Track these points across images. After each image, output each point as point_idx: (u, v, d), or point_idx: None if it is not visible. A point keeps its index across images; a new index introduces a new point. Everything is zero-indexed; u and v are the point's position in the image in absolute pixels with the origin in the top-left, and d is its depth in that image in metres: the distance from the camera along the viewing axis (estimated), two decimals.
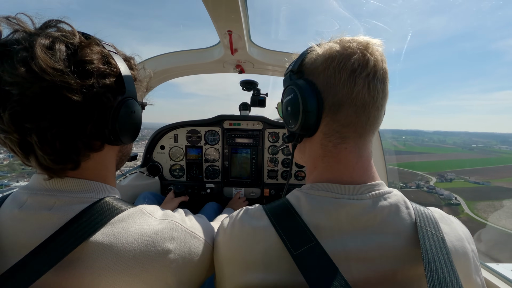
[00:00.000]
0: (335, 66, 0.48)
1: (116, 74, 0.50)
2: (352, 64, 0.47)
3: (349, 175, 0.50)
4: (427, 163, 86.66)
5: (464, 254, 0.48)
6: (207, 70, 1.76)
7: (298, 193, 0.53)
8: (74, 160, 0.47)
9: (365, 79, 0.47)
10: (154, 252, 0.46)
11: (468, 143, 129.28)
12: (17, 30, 0.44)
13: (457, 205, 47.46)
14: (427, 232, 0.46)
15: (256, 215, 0.52)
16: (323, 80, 0.50)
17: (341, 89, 0.48)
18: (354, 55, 0.48)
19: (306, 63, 0.53)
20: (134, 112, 0.54)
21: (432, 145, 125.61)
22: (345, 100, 0.48)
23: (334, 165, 0.51)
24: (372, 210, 0.47)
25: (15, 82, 0.40)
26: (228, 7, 0.89)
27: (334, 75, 0.48)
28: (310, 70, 0.52)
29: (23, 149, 0.44)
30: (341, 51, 0.49)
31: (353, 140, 0.51)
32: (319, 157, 0.54)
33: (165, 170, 1.78)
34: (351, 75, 0.47)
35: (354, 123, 0.49)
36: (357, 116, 0.49)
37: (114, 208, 0.48)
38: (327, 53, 0.50)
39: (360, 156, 0.51)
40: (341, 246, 0.45)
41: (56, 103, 0.42)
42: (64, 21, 0.48)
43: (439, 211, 0.54)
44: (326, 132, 0.51)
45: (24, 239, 0.43)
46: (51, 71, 0.41)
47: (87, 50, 0.46)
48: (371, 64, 0.48)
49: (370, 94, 0.48)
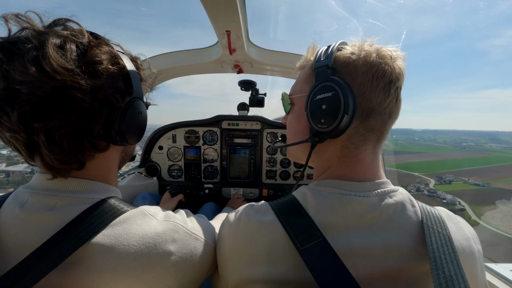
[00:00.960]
0: (375, 72, 0.48)
1: (124, 75, 0.50)
2: (390, 75, 0.49)
3: (363, 173, 0.51)
4: (422, 164, 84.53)
5: (470, 253, 0.48)
6: (205, 70, 1.76)
7: (304, 190, 0.53)
8: (79, 160, 0.47)
9: (396, 91, 0.50)
10: (155, 254, 0.46)
11: (459, 141, 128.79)
12: (25, 28, 0.43)
13: (462, 210, 43.10)
14: (433, 230, 0.46)
15: (262, 210, 0.52)
16: (359, 84, 0.49)
17: (376, 97, 0.49)
18: (390, 66, 0.49)
19: (341, 61, 0.51)
20: (141, 113, 0.54)
21: (424, 144, 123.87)
22: (377, 108, 0.49)
23: (351, 163, 0.52)
24: (378, 208, 0.47)
25: (25, 81, 0.39)
26: (226, 7, 0.89)
27: (371, 81, 0.48)
28: (345, 70, 0.50)
29: (29, 148, 0.44)
30: (379, 59, 0.49)
31: (372, 144, 0.52)
32: (335, 157, 0.53)
33: (163, 171, 1.78)
34: (387, 86, 0.49)
35: (378, 129, 0.51)
36: (383, 124, 0.51)
37: (116, 209, 0.47)
38: (368, 57, 0.49)
39: (375, 157, 0.53)
40: (347, 243, 0.45)
41: (66, 103, 0.42)
42: (73, 20, 0.48)
43: (445, 210, 0.54)
44: (351, 135, 0.51)
45: (25, 239, 0.43)
46: (63, 71, 0.40)
47: (97, 50, 0.46)
48: (401, 78, 0.50)
49: (396, 105, 0.51)
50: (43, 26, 0.46)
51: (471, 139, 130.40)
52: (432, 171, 73.46)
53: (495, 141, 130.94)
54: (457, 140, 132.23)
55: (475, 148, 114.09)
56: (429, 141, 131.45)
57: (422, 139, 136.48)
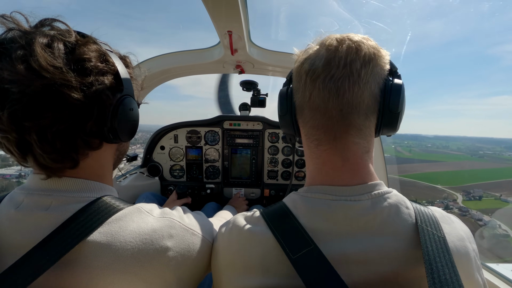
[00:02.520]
0: (296, 68, 0.52)
1: (113, 72, 0.50)
2: (306, 66, 0.50)
3: (339, 177, 0.50)
4: (442, 174, 74.26)
5: (465, 253, 0.47)
6: (207, 70, 1.76)
7: (294, 196, 0.53)
8: (73, 159, 0.47)
9: (316, 81, 0.48)
10: (152, 250, 0.46)
11: (473, 149, 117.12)
12: (11, 28, 0.43)
13: (507, 237, 30.76)
14: (428, 233, 0.45)
15: (253, 220, 0.52)
16: (294, 84, 0.54)
17: (301, 92, 0.51)
18: (310, 56, 0.50)
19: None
20: (132, 110, 0.54)
21: (438, 151, 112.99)
22: (303, 103, 0.51)
23: (321, 167, 0.52)
24: (371, 211, 0.46)
25: (14, 80, 0.39)
26: (228, 7, 0.89)
27: (298, 78, 0.52)
28: (292, 76, 0.56)
29: (21, 148, 0.44)
30: (306, 52, 0.51)
31: (328, 143, 0.50)
32: (309, 158, 0.56)
33: (165, 171, 1.78)
34: (307, 78, 0.49)
35: (321, 126, 0.50)
36: (321, 118, 0.50)
37: (112, 207, 0.47)
38: (296, 60, 0.54)
39: (344, 158, 0.49)
40: (340, 249, 0.44)
41: (56, 101, 0.42)
42: (59, 20, 0.48)
43: (439, 210, 0.53)
44: (305, 133, 0.54)
45: (21, 239, 0.43)
46: (51, 69, 0.40)
47: (85, 48, 0.46)
48: (324, 61, 0.48)
49: (320, 97, 0.48)
50: (29, 26, 0.45)
51: (487, 146, 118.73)
52: (455, 183, 64.84)
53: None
54: (472, 147, 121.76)
55: (493, 157, 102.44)
56: (442, 148, 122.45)
57: (435, 146, 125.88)
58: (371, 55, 0.47)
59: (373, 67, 0.47)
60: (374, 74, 0.48)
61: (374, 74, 0.48)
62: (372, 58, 0.47)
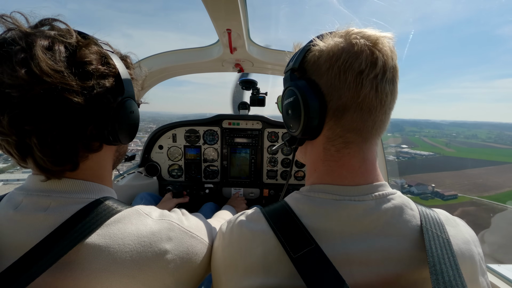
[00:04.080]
0: (340, 65, 0.44)
1: (115, 75, 0.50)
2: (360, 64, 0.43)
3: (352, 178, 0.48)
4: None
5: (470, 257, 0.46)
6: (206, 69, 1.75)
7: (297, 195, 0.52)
8: (73, 161, 0.47)
9: (373, 81, 0.44)
10: (151, 253, 0.46)
11: (504, 137, 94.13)
12: (11, 28, 0.43)
13: None
14: (432, 234, 0.44)
15: (254, 219, 0.51)
16: (326, 81, 0.46)
17: (347, 91, 0.44)
18: (361, 54, 0.44)
19: (309, 60, 0.49)
20: (133, 112, 0.54)
21: (480, 145, 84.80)
22: (351, 104, 0.45)
23: (336, 169, 0.49)
24: (375, 212, 0.45)
25: (15, 85, 0.39)
26: (227, 5, 0.88)
27: (339, 76, 0.44)
28: (312, 69, 0.48)
29: (21, 151, 0.44)
30: (347, 48, 0.45)
31: (357, 145, 0.48)
32: (320, 160, 0.52)
33: (163, 170, 1.77)
34: (358, 77, 0.44)
35: (359, 128, 0.46)
36: (363, 121, 0.46)
37: (110, 208, 0.47)
38: (331, 50, 0.46)
39: (365, 160, 0.49)
40: (343, 249, 0.43)
41: (57, 105, 0.42)
42: (59, 20, 0.47)
43: (444, 213, 0.53)
44: (329, 136, 0.49)
45: (19, 240, 0.43)
46: (52, 73, 0.40)
47: (86, 50, 0.46)
48: (380, 63, 0.44)
49: (377, 98, 0.45)
50: (29, 26, 0.45)
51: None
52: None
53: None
54: (501, 135, 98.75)
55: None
56: (469, 137, 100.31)
57: (464, 136, 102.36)
58: (395, 60, 0.48)
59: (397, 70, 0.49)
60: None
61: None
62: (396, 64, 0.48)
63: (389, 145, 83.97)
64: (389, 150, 79.20)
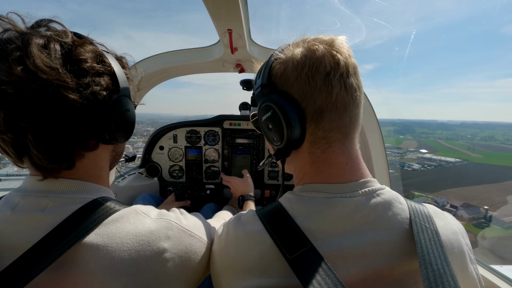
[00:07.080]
0: (307, 72, 0.47)
1: (110, 73, 0.51)
2: (325, 68, 0.46)
3: (341, 176, 0.50)
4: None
5: (458, 247, 0.48)
6: (207, 69, 1.75)
7: (290, 196, 0.53)
8: (69, 159, 0.47)
9: (340, 80, 0.47)
10: (149, 252, 0.46)
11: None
12: (7, 29, 0.44)
13: None
14: (421, 226, 0.46)
15: (249, 221, 0.52)
16: (298, 89, 0.48)
17: (319, 95, 0.47)
18: (324, 57, 0.47)
19: (275, 74, 0.51)
20: (129, 111, 0.54)
21: (504, 148, 75.66)
22: (326, 105, 0.47)
23: (325, 168, 0.51)
24: (366, 207, 0.47)
25: (11, 81, 0.40)
26: (228, 6, 0.88)
27: (309, 82, 0.47)
28: (281, 81, 0.50)
29: (17, 149, 0.44)
30: (309, 54, 0.47)
31: (339, 142, 0.50)
32: (307, 164, 0.53)
33: (164, 171, 1.77)
34: (326, 79, 0.46)
35: (338, 126, 0.49)
36: (341, 119, 0.48)
37: (108, 208, 0.47)
38: (295, 60, 0.48)
39: (349, 155, 0.51)
40: (337, 246, 0.45)
41: (53, 102, 0.42)
42: (56, 21, 0.48)
43: (432, 207, 0.54)
44: (313, 140, 0.50)
45: (17, 241, 0.43)
46: (47, 70, 0.41)
47: (81, 49, 0.47)
48: (342, 63, 0.47)
49: (348, 94, 0.48)
50: (25, 27, 0.46)
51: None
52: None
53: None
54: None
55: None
56: (486, 139, 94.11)
57: (480, 138, 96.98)
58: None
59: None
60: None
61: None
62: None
63: (408, 149, 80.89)
64: (409, 156, 73.94)
